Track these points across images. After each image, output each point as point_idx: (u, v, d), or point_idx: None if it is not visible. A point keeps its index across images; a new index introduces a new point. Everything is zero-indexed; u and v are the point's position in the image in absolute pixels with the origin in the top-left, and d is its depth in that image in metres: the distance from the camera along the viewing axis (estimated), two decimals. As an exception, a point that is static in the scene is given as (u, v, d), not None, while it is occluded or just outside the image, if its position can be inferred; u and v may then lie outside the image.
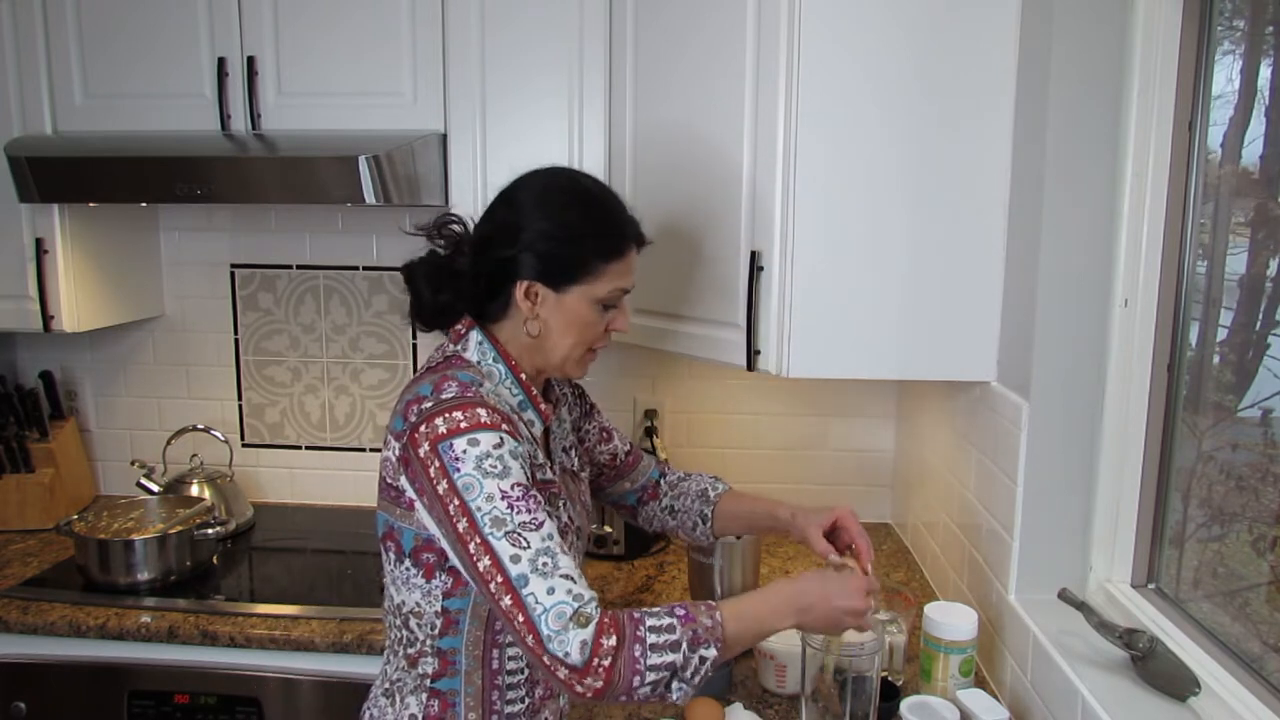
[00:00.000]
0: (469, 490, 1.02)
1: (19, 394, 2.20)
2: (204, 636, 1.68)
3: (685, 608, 1.03)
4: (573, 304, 1.18)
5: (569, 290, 1.17)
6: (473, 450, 1.03)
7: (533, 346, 1.20)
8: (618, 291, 1.20)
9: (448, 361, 1.16)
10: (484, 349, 1.18)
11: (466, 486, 1.02)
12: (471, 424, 1.04)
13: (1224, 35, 1.26)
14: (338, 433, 2.35)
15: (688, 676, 1.00)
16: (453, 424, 1.04)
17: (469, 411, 1.05)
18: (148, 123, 1.91)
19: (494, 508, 1.01)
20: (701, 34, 1.62)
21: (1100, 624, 1.22)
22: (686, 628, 1.00)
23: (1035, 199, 1.36)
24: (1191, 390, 1.32)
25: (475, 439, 1.03)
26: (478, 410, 1.05)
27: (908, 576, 1.92)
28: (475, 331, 1.19)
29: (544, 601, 0.98)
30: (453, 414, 1.05)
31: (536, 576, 0.99)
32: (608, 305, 1.21)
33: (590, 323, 1.20)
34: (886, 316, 1.51)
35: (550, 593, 0.98)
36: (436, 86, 1.85)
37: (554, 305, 1.17)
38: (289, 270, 2.30)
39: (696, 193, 1.66)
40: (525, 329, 1.18)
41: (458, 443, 1.03)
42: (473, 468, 1.02)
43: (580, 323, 1.19)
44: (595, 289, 1.18)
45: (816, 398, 2.23)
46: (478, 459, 1.03)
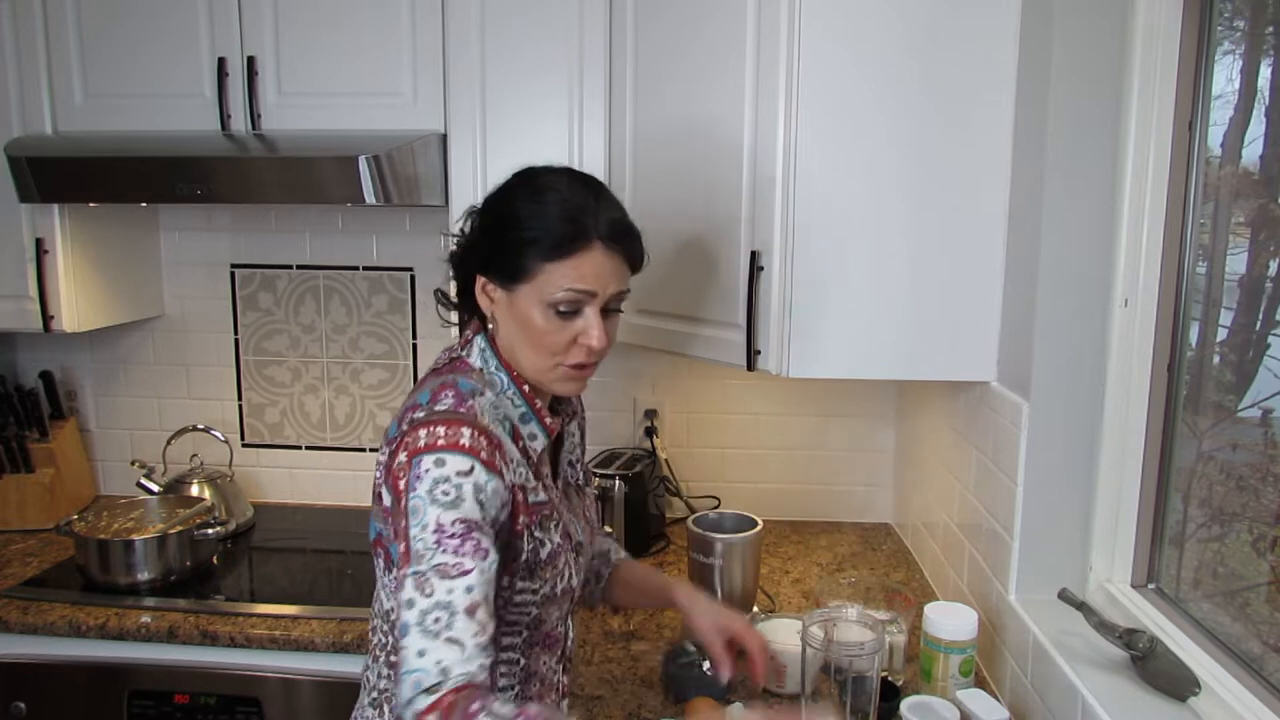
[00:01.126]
0: (414, 514, 0.96)
1: (19, 394, 2.20)
2: (204, 636, 1.68)
3: (543, 712, 0.90)
4: (522, 306, 1.09)
5: (517, 289, 1.09)
6: (435, 471, 0.97)
7: (513, 355, 1.13)
8: (572, 294, 1.07)
9: (451, 365, 1.14)
10: (486, 356, 1.14)
11: (413, 510, 0.97)
12: (449, 443, 0.98)
13: (1224, 35, 1.26)
14: (338, 433, 2.35)
15: None
16: (432, 439, 0.99)
17: (452, 429, 0.99)
18: (148, 123, 1.91)
19: (422, 539, 0.95)
20: (702, 34, 1.62)
21: (1100, 624, 1.22)
22: None
23: (1035, 199, 1.36)
24: (1191, 390, 1.32)
25: (442, 459, 0.98)
26: (461, 429, 1.00)
27: (908, 576, 1.92)
28: (480, 337, 1.15)
29: (410, 662, 0.90)
30: (436, 428, 1.00)
31: (418, 631, 0.91)
32: (565, 311, 1.08)
33: (544, 330, 1.09)
34: (886, 316, 1.51)
35: (420, 655, 0.89)
36: (436, 86, 1.85)
37: (506, 306, 1.11)
38: (289, 270, 2.30)
39: (696, 192, 1.66)
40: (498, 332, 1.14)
41: (427, 459, 0.98)
42: (425, 490, 0.96)
43: (532, 327, 1.09)
44: (542, 290, 1.07)
45: (816, 398, 2.23)
46: (434, 482, 0.97)
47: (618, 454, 2.15)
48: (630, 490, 2.00)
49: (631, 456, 2.13)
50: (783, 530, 2.19)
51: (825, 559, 2.03)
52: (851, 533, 2.19)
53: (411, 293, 2.28)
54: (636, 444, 2.27)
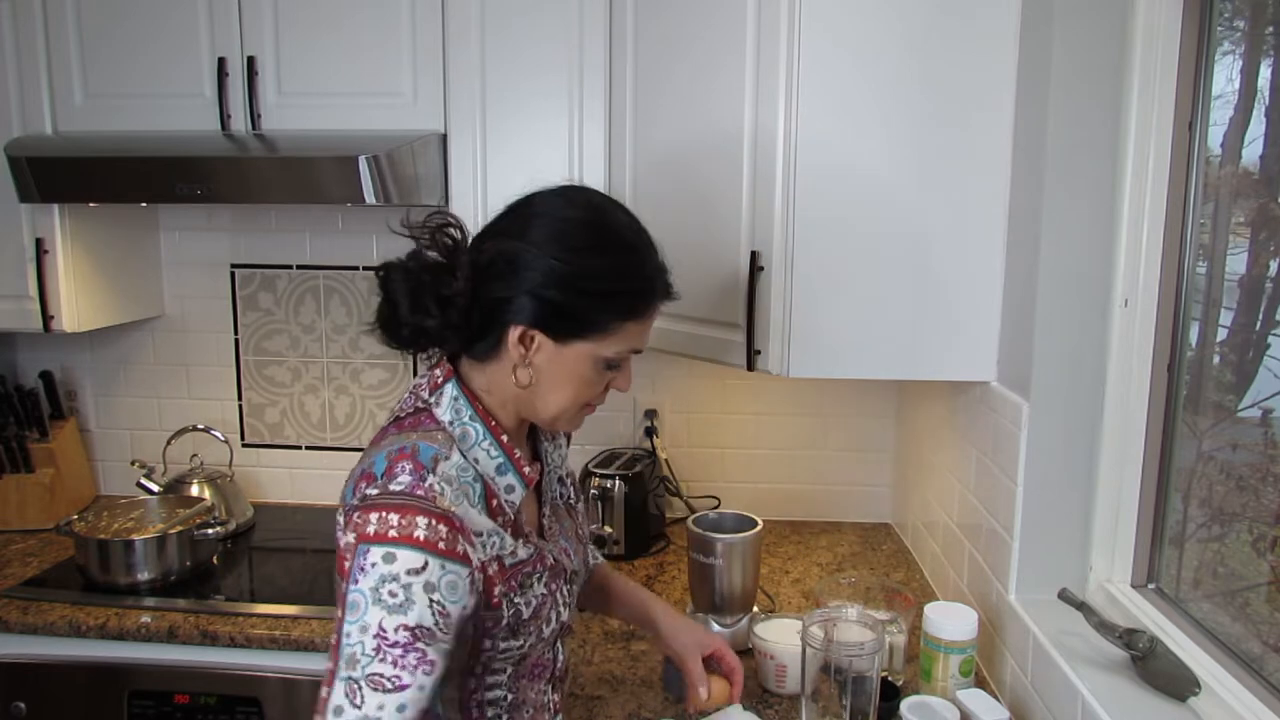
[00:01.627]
0: (353, 609, 0.87)
1: (19, 394, 2.20)
2: (204, 636, 1.68)
3: None
4: (574, 359, 1.02)
5: (571, 344, 1.01)
6: (382, 567, 0.87)
7: (522, 398, 1.04)
8: (628, 352, 1.05)
9: (416, 417, 1.01)
10: (459, 407, 1.02)
11: (352, 605, 0.87)
12: (400, 536, 0.88)
13: (1224, 35, 1.26)
14: (338, 433, 2.35)
15: None
16: (383, 528, 0.88)
17: (406, 518, 0.89)
18: (148, 122, 1.91)
19: (359, 642, 0.86)
20: (702, 34, 1.62)
21: (1100, 624, 1.22)
22: None
23: (1035, 199, 1.36)
24: (1191, 390, 1.32)
25: (392, 554, 0.87)
26: (415, 519, 0.89)
27: (908, 576, 1.92)
28: (451, 385, 1.03)
29: None
30: (388, 515, 0.89)
31: None
32: (611, 365, 1.05)
33: (589, 381, 1.04)
34: (886, 316, 1.51)
35: None
36: (436, 86, 1.85)
37: (551, 356, 1.01)
38: (289, 270, 2.30)
39: (697, 192, 1.66)
40: (514, 377, 1.02)
41: (374, 551, 0.88)
42: (369, 586, 0.87)
43: (578, 380, 1.03)
44: (603, 347, 1.02)
45: (816, 398, 2.23)
46: (380, 580, 0.87)
47: (618, 454, 2.15)
48: (630, 490, 2.00)
49: (631, 456, 2.13)
50: (783, 530, 2.19)
51: (825, 559, 2.03)
52: (851, 533, 2.19)
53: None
54: (636, 444, 2.27)
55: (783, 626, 1.47)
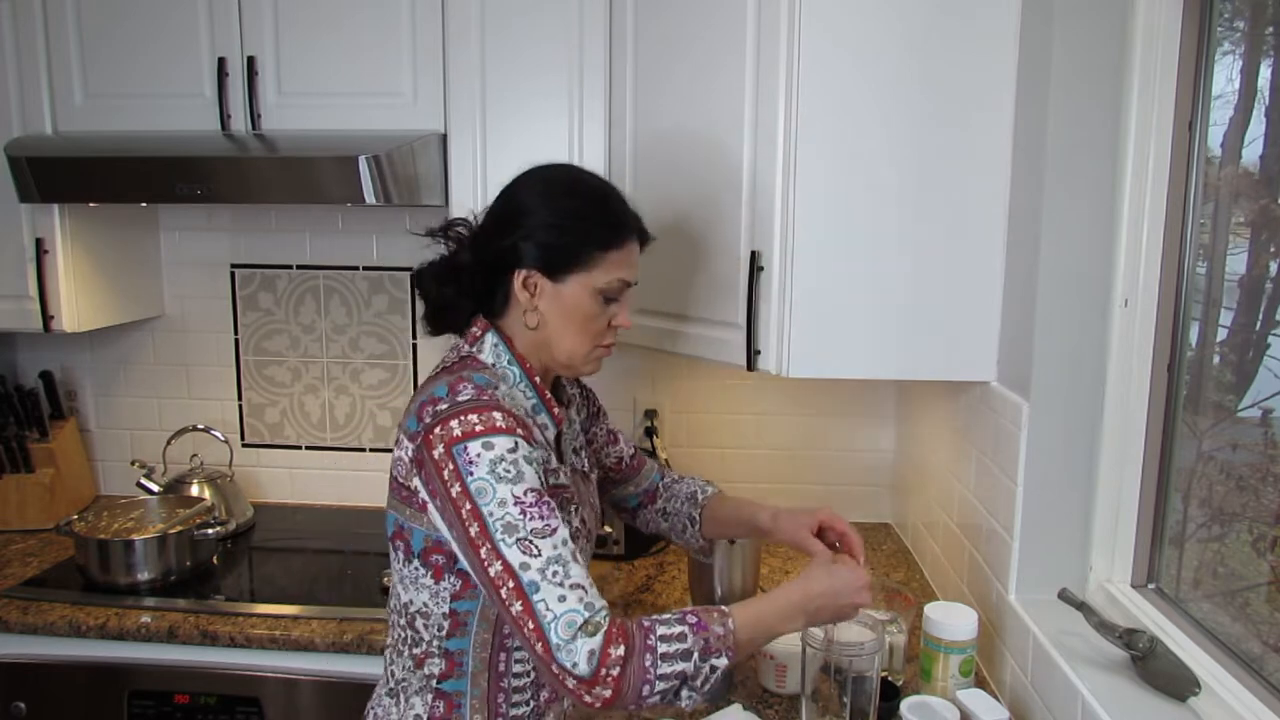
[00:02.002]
0: (482, 495, 1.02)
1: (19, 394, 2.20)
2: (204, 636, 1.69)
3: (698, 615, 1.03)
4: (571, 294, 1.17)
5: (566, 280, 1.17)
6: (487, 454, 1.03)
7: (539, 342, 1.20)
8: (617, 282, 1.19)
9: (463, 362, 1.16)
10: (499, 351, 1.18)
11: (480, 491, 1.02)
12: (487, 427, 1.04)
13: (1224, 35, 1.26)
14: (338, 433, 2.35)
15: (698, 685, 1.01)
16: (468, 427, 1.04)
17: (484, 415, 1.05)
18: (148, 122, 1.91)
19: (506, 513, 1.01)
20: (702, 34, 1.62)
21: (1100, 624, 1.22)
22: (699, 636, 1.01)
23: (1035, 199, 1.36)
24: (1191, 390, 1.32)
25: (490, 442, 1.03)
26: (493, 414, 1.05)
27: (908, 576, 1.92)
28: (491, 334, 1.19)
29: (554, 609, 0.98)
30: (468, 417, 1.04)
31: (547, 584, 0.99)
32: (609, 298, 1.20)
33: (591, 315, 1.19)
34: (886, 316, 1.51)
35: (561, 600, 0.98)
36: (436, 86, 1.85)
37: (552, 296, 1.17)
38: (289, 270, 2.30)
39: (697, 192, 1.66)
40: (524, 321, 1.18)
41: (472, 446, 1.03)
42: (486, 472, 1.02)
43: (580, 314, 1.18)
44: (594, 278, 1.17)
45: (816, 398, 2.23)
46: (491, 463, 1.02)
47: (618, 454, 2.15)
48: (630, 490, 2.00)
49: (631, 456, 2.13)
50: (783, 530, 2.18)
51: (825, 559, 2.02)
52: (851, 533, 2.19)
53: (411, 293, 2.28)
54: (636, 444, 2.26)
55: None
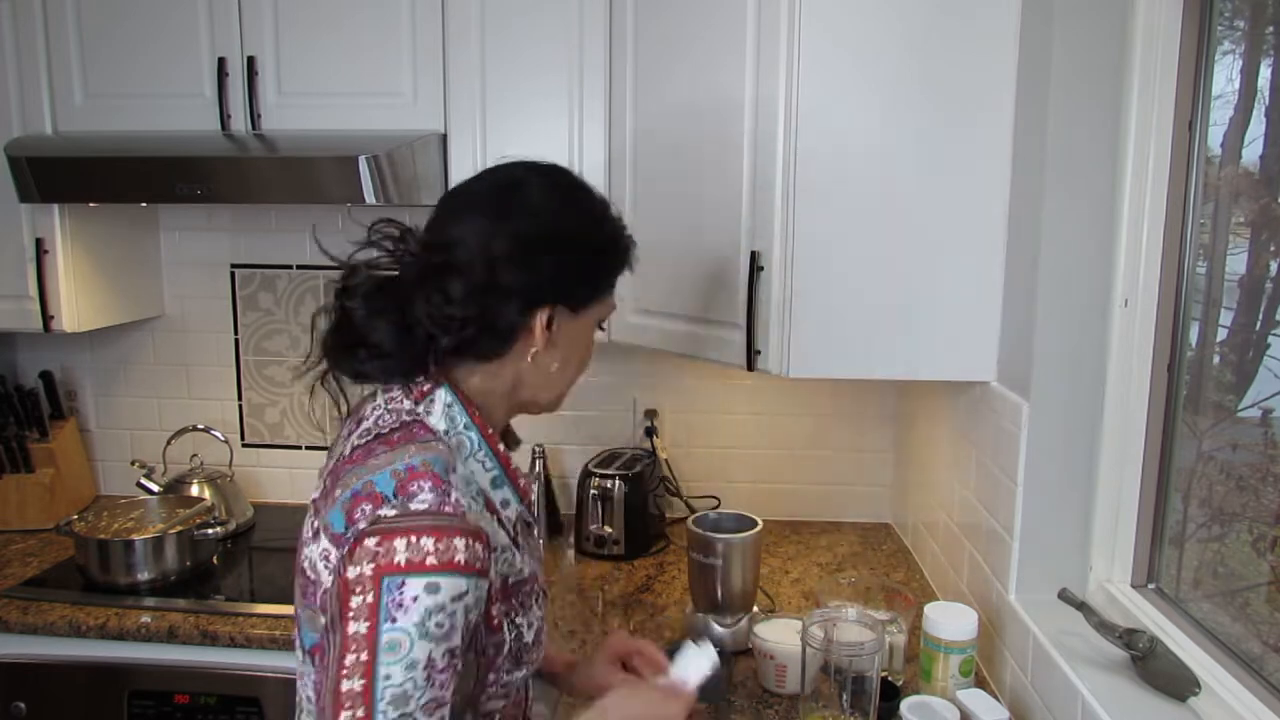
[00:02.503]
0: (392, 650, 0.80)
1: (19, 394, 2.20)
2: (204, 636, 1.69)
3: None
4: (584, 327, 1.03)
5: (586, 311, 1.02)
6: (426, 600, 0.80)
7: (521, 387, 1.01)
8: (610, 308, 1.07)
9: (406, 430, 0.92)
10: (453, 414, 0.96)
11: (391, 645, 0.80)
12: (442, 563, 0.81)
13: (1224, 35, 1.26)
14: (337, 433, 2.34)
15: None
16: (417, 556, 0.80)
17: (443, 542, 0.81)
18: (148, 122, 1.90)
19: (409, 679, 0.80)
20: (702, 34, 1.62)
21: (1100, 624, 1.22)
22: None
23: (1035, 199, 1.36)
24: (1191, 390, 1.32)
25: (435, 585, 0.81)
26: (453, 541, 0.82)
27: (908, 576, 1.92)
28: (444, 391, 0.96)
29: None
30: (420, 540, 0.81)
31: None
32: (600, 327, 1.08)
33: (590, 346, 1.07)
34: (887, 317, 1.51)
35: None
36: (436, 86, 1.85)
37: (570, 328, 1.00)
38: (289, 270, 2.30)
39: (697, 192, 1.66)
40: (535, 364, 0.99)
41: (411, 584, 0.80)
42: (414, 623, 0.80)
43: (584, 347, 1.06)
44: (603, 309, 1.05)
45: (816, 398, 2.23)
46: (426, 612, 0.80)
47: (618, 454, 2.15)
48: (630, 490, 2.00)
49: (631, 456, 2.13)
50: (783, 530, 2.19)
51: (825, 559, 2.02)
52: (851, 533, 2.19)
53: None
54: (636, 444, 2.27)
55: (783, 626, 1.47)
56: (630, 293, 1.68)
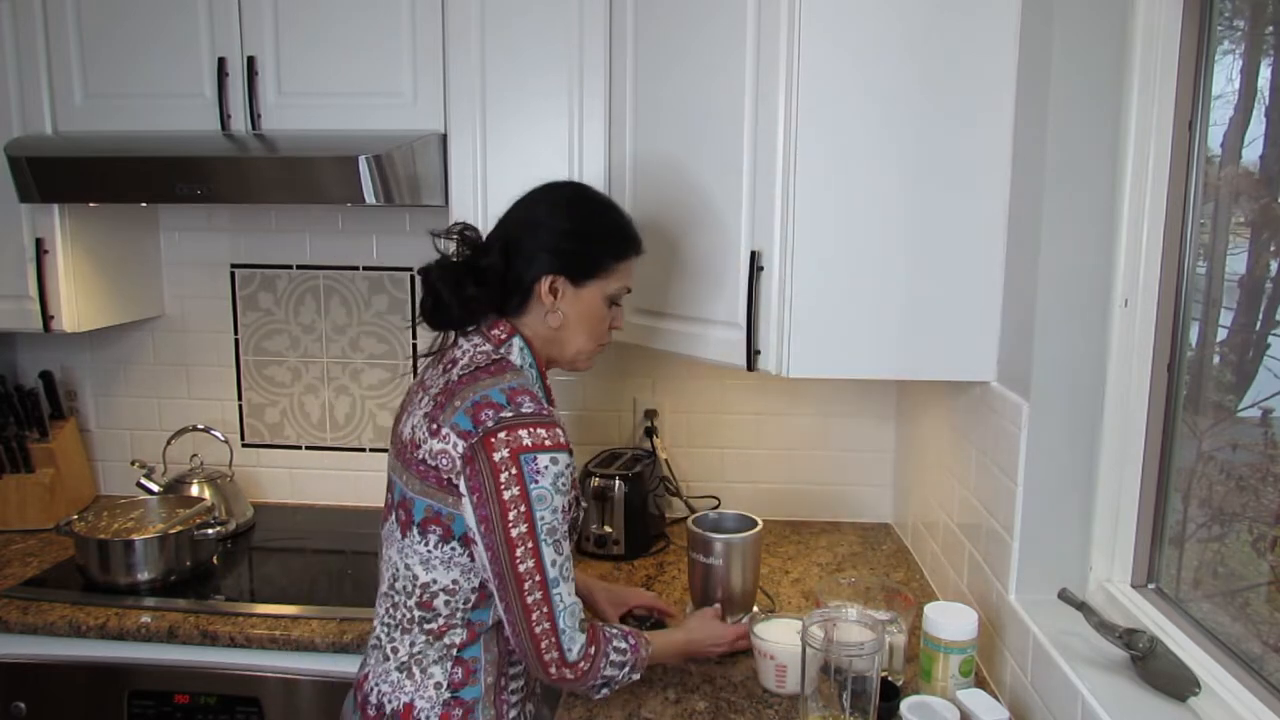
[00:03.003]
0: (540, 502, 1.16)
1: (19, 394, 2.20)
2: (204, 636, 1.69)
3: (635, 638, 1.30)
4: (589, 298, 1.32)
5: (587, 285, 1.32)
6: (553, 468, 1.17)
7: (550, 340, 1.33)
8: (623, 289, 1.37)
9: (499, 365, 1.25)
10: (524, 355, 1.31)
11: (539, 498, 1.16)
12: (554, 443, 1.17)
13: (1224, 35, 1.26)
14: (338, 433, 2.35)
15: (616, 687, 1.29)
16: (537, 440, 1.16)
17: (551, 431, 1.18)
18: (148, 123, 1.91)
19: (554, 519, 1.18)
20: (702, 34, 1.62)
21: (1100, 624, 1.22)
22: (633, 654, 1.28)
23: (1035, 198, 1.36)
24: (1191, 390, 1.32)
25: (556, 458, 1.17)
26: (557, 430, 1.19)
27: (908, 576, 1.92)
28: (517, 338, 1.31)
29: (566, 601, 1.19)
30: (537, 430, 1.17)
31: (563, 581, 1.19)
32: (613, 302, 1.37)
33: (601, 317, 1.35)
34: (886, 316, 1.51)
35: (569, 595, 1.19)
36: (436, 86, 1.85)
37: (573, 299, 1.31)
38: (289, 270, 2.30)
39: (697, 192, 1.66)
40: (545, 321, 1.31)
41: (541, 458, 1.16)
42: (550, 483, 1.16)
43: (593, 316, 1.34)
44: (608, 285, 1.34)
45: (816, 398, 2.23)
46: (556, 475, 1.17)
47: (618, 454, 2.15)
48: (630, 490, 2.00)
49: (631, 456, 2.13)
50: (783, 530, 2.19)
51: (825, 559, 2.03)
52: (851, 533, 2.19)
53: (411, 293, 2.28)
54: (636, 444, 2.27)
55: (782, 627, 1.47)
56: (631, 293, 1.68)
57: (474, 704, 1.24)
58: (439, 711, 1.23)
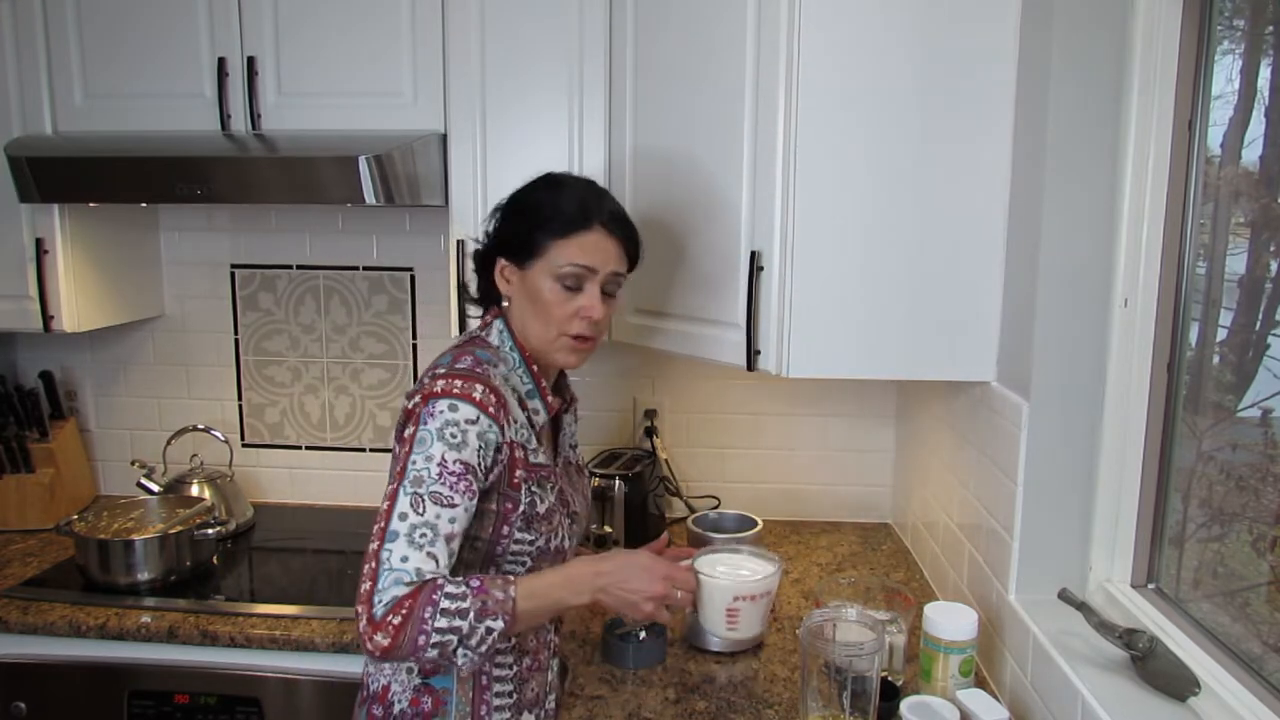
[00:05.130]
0: (420, 444, 1.12)
1: (19, 394, 2.20)
2: (204, 636, 1.69)
3: (481, 580, 1.11)
4: (534, 280, 1.27)
5: (531, 266, 1.28)
6: (445, 414, 1.13)
7: (519, 330, 1.31)
8: (575, 268, 1.26)
9: (471, 341, 1.29)
10: (503, 336, 1.31)
11: (420, 440, 1.12)
12: (463, 394, 1.15)
13: (1224, 35, 1.26)
14: (338, 433, 2.35)
15: (473, 644, 1.08)
16: (449, 387, 1.15)
17: (467, 383, 1.16)
18: (148, 123, 1.91)
19: (426, 468, 1.11)
20: (702, 35, 1.62)
21: (1100, 624, 1.22)
22: (477, 598, 1.08)
23: (1035, 199, 1.36)
24: (1191, 390, 1.32)
25: (455, 405, 1.14)
26: (474, 385, 1.16)
27: (908, 576, 1.92)
28: (499, 321, 1.32)
29: (393, 563, 1.07)
30: (454, 381, 1.16)
31: (405, 540, 1.08)
32: (568, 285, 1.27)
33: (552, 301, 1.27)
34: (886, 316, 1.51)
35: (404, 560, 1.07)
36: (436, 86, 1.85)
37: (520, 283, 1.29)
38: (289, 270, 2.30)
39: (697, 192, 1.66)
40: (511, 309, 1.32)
41: (441, 403, 1.14)
42: (436, 427, 1.13)
43: (544, 300, 1.27)
44: (551, 264, 1.26)
45: (816, 398, 2.23)
46: (445, 423, 1.13)
47: (618, 454, 2.15)
48: (630, 490, 2.00)
49: (631, 456, 2.13)
50: (783, 530, 2.19)
51: (825, 559, 2.03)
52: (851, 533, 2.19)
53: (411, 293, 2.28)
54: (636, 444, 2.27)
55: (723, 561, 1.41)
56: (630, 293, 1.68)
57: (444, 693, 1.24)
58: (409, 696, 1.24)
